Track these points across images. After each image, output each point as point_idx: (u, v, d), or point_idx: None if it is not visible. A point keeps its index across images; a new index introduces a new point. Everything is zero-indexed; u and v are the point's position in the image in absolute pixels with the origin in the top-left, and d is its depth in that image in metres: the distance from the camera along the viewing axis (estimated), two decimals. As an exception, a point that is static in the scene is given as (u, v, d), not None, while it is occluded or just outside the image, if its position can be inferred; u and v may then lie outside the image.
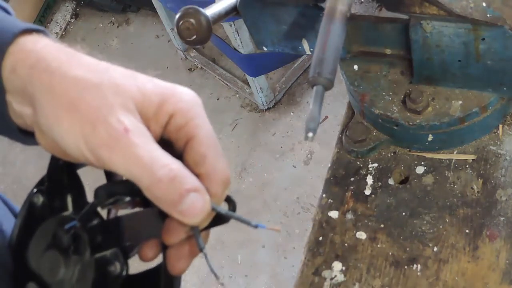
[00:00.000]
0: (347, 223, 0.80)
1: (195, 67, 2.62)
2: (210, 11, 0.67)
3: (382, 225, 0.78)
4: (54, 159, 0.47)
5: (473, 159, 0.80)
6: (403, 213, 0.78)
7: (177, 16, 0.66)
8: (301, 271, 0.78)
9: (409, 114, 0.78)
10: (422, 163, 0.81)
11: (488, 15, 0.66)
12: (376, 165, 0.83)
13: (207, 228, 0.45)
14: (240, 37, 2.07)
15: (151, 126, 0.44)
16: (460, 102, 0.77)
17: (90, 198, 0.46)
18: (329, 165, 0.86)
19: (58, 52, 0.45)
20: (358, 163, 0.84)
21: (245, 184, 2.26)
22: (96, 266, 0.44)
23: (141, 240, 0.46)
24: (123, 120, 0.41)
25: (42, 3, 2.96)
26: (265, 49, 0.84)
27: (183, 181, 0.41)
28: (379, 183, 0.82)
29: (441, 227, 0.76)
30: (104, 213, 0.46)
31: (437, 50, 0.72)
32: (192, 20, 0.65)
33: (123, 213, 0.46)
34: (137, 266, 0.49)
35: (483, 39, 0.68)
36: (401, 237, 0.77)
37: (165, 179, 0.41)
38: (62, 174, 0.47)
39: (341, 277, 0.76)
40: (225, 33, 2.15)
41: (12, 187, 2.54)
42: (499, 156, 0.79)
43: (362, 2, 0.75)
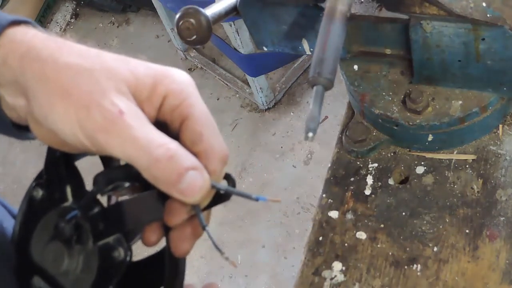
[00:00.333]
0: (347, 223, 0.80)
1: (195, 67, 2.62)
2: (210, 11, 0.67)
3: (382, 225, 0.78)
4: (51, 151, 0.47)
5: (473, 159, 0.80)
6: (403, 213, 0.78)
7: (177, 16, 0.66)
8: (301, 271, 0.78)
9: (409, 114, 0.78)
10: (422, 163, 0.81)
11: (488, 15, 0.66)
12: (376, 165, 0.83)
13: (208, 207, 0.45)
14: (240, 37, 2.08)
15: (145, 108, 0.43)
16: (460, 102, 0.77)
17: (88, 188, 0.46)
18: (329, 165, 0.86)
19: (48, 41, 0.45)
20: (358, 163, 0.84)
21: (245, 184, 2.26)
22: (99, 253, 0.44)
23: (143, 223, 0.45)
24: (117, 102, 0.41)
25: (42, 3, 2.96)
26: (265, 49, 0.84)
27: (181, 159, 0.41)
28: (379, 183, 0.82)
29: (441, 227, 0.76)
30: (104, 200, 0.46)
31: (437, 50, 0.72)
32: (192, 20, 0.65)
33: (123, 199, 0.46)
34: (141, 252, 0.49)
35: (483, 39, 0.68)
36: (401, 237, 0.77)
37: (163, 158, 0.40)
38: (60, 166, 0.47)
39: (341, 277, 0.76)
40: (225, 33, 2.15)
41: (12, 187, 2.54)
42: (499, 156, 0.79)
43: (362, 2, 0.75)
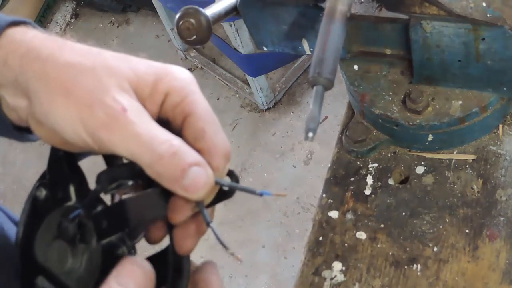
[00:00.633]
0: (347, 223, 0.80)
1: (195, 67, 2.62)
2: (210, 11, 0.67)
3: (382, 225, 0.78)
4: (54, 150, 0.47)
5: (473, 159, 0.80)
6: (403, 213, 0.78)
7: (177, 16, 0.66)
8: (301, 271, 0.78)
9: (409, 114, 0.78)
10: (422, 163, 0.81)
11: (488, 15, 0.66)
12: (376, 165, 0.83)
13: (211, 204, 0.45)
14: (240, 37, 2.07)
15: (147, 106, 0.43)
16: (460, 102, 0.77)
17: (91, 187, 0.46)
18: (329, 165, 0.86)
19: (48, 40, 0.44)
20: (358, 163, 0.84)
21: (245, 184, 2.26)
22: (103, 252, 0.43)
23: (146, 221, 0.45)
24: (119, 99, 0.41)
25: (42, 3, 2.96)
26: (265, 49, 0.84)
27: (184, 155, 0.41)
28: (379, 183, 0.82)
29: (441, 227, 0.76)
30: (107, 199, 0.46)
31: (437, 50, 0.72)
32: (192, 20, 0.65)
33: (126, 197, 0.46)
34: (144, 250, 0.49)
35: (483, 39, 0.68)
36: (401, 237, 0.77)
37: (166, 154, 0.40)
38: (63, 165, 0.47)
39: (341, 277, 0.76)
40: (225, 33, 2.15)
41: (12, 187, 2.54)
42: (499, 156, 0.79)
43: (362, 2, 0.75)
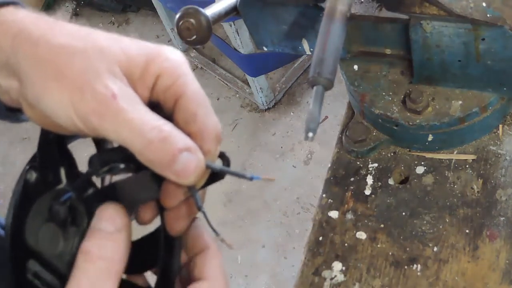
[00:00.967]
0: (347, 223, 0.80)
1: (195, 67, 2.62)
2: (210, 11, 0.67)
3: (382, 225, 0.78)
4: (44, 133, 0.47)
5: (473, 159, 0.80)
6: (403, 213, 0.78)
7: (177, 16, 0.66)
8: (301, 271, 0.78)
9: (409, 114, 0.78)
10: (422, 163, 0.81)
11: (488, 15, 0.66)
12: (376, 165, 0.83)
13: (203, 186, 0.45)
14: (240, 37, 2.07)
15: (138, 88, 0.43)
16: (460, 102, 0.77)
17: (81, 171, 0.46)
18: (329, 165, 0.86)
19: (39, 21, 0.44)
20: (358, 163, 0.84)
21: (245, 184, 2.26)
22: None
23: (138, 203, 0.45)
24: (110, 85, 0.41)
25: (42, 3, 2.96)
26: (265, 49, 0.84)
27: (174, 141, 0.41)
28: (379, 183, 0.82)
29: (441, 227, 0.76)
30: (98, 182, 0.46)
31: (437, 50, 0.72)
32: (192, 20, 0.65)
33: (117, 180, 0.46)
34: (135, 231, 0.49)
35: (483, 39, 0.68)
36: (401, 237, 0.77)
37: (156, 140, 0.40)
38: (53, 148, 0.46)
39: (341, 277, 0.76)
40: (225, 33, 2.15)
41: (12, 187, 2.54)
42: (499, 156, 0.79)
43: (362, 2, 0.75)
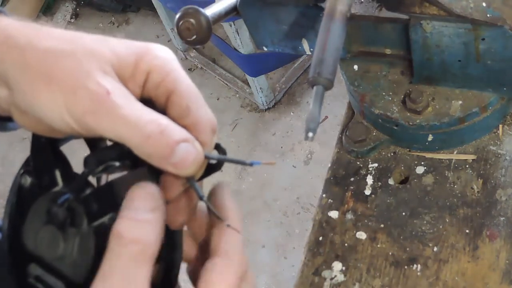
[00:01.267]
0: (347, 223, 0.80)
1: (195, 67, 2.62)
2: (210, 11, 0.67)
3: (382, 225, 0.78)
4: (36, 137, 0.46)
5: (473, 159, 0.80)
6: (403, 213, 0.78)
7: (177, 16, 0.66)
8: (301, 271, 0.78)
9: (409, 114, 0.78)
10: (422, 163, 0.81)
11: (488, 15, 0.66)
12: (376, 165, 0.83)
13: (200, 178, 0.45)
14: (240, 37, 2.07)
15: (129, 87, 0.43)
16: (460, 102, 0.77)
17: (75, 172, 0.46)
18: (329, 165, 0.86)
19: (24, 27, 0.44)
20: (358, 163, 0.84)
21: (245, 184, 2.26)
22: (96, 234, 0.43)
23: None
24: (103, 83, 0.41)
25: (42, 3, 2.96)
26: (265, 49, 0.84)
27: (171, 133, 0.41)
28: (379, 183, 0.82)
29: (441, 227, 0.76)
30: (94, 183, 0.46)
31: (437, 50, 0.72)
32: (192, 20, 0.65)
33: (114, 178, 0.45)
34: None
35: (483, 39, 0.68)
36: (401, 237, 0.77)
37: (153, 134, 0.40)
38: (47, 151, 0.46)
39: (341, 277, 0.76)
40: (225, 33, 2.15)
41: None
42: (499, 156, 0.79)
43: (362, 2, 0.75)
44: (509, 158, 0.79)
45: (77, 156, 0.48)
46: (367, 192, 0.82)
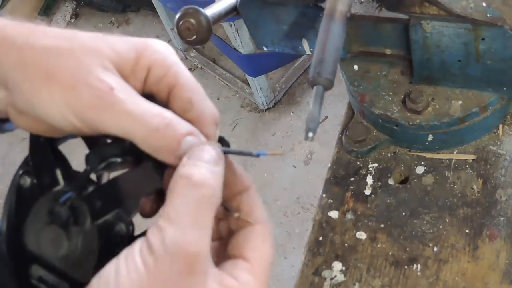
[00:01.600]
0: (347, 223, 0.80)
1: (195, 67, 2.62)
2: (210, 11, 0.67)
3: (382, 225, 0.78)
4: (34, 137, 0.46)
5: (473, 159, 0.80)
6: (403, 213, 0.78)
7: (177, 16, 0.66)
8: (301, 271, 0.78)
9: (409, 114, 0.78)
10: (422, 163, 0.81)
11: (488, 15, 0.66)
12: (376, 165, 0.83)
13: None
14: (240, 37, 2.07)
15: (130, 83, 0.43)
16: (460, 102, 0.77)
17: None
18: (329, 165, 0.86)
19: (20, 27, 0.44)
20: (358, 163, 0.84)
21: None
22: (101, 231, 0.43)
23: (141, 196, 0.45)
24: (105, 79, 0.41)
25: (42, 3, 2.96)
26: (265, 49, 0.84)
27: (177, 126, 0.41)
28: (379, 183, 0.82)
29: (441, 227, 0.76)
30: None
31: (437, 50, 0.72)
32: (192, 20, 0.65)
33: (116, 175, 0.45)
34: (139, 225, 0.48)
35: (483, 39, 0.68)
36: (401, 237, 0.77)
37: (160, 127, 0.40)
38: (46, 150, 0.46)
39: (341, 277, 0.76)
40: (225, 33, 2.15)
41: (12, 187, 2.54)
42: (499, 156, 0.79)
43: (362, 2, 0.75)
44: (509, 158, 0.79)
45: (76, 156, 0.48)
46: (367, 192, 0.82)
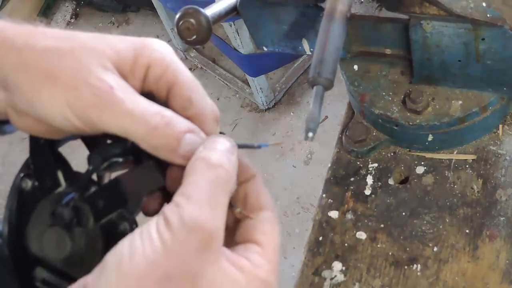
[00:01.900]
0: (347, 223, 0.80)
1: (195, 67, 2.62)
2: (210, 11, 0.67)
3: (382, 225, 0.78)
4: (34, 139, 0.46)
5: (473, 159, 0.80)
6: (403, 213, 0.78)
7: (177, 16, 0.66)
8: (301, 271, 0.78)
9: (409, 114, 0.78)
10: (422, 163, 0.81)
11: (488, 15, 0.66)
12: (376, 165, 0.83)
13: None
14: (240, 37, 2.07)
15: (129, 82, 0.43)
16: (460, 102, 0.77)
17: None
18: (329, 165, 0.86)
19: (19, 29, 0.44)
20: (358, 163, 0.84)
21: (245, 184, 2.26)
22: (104, 231, 0.43)
23: (144, 195, 0.45)
24: (105, 78, 0.41)
25: (42, 3, 2.96)
26: (265, 49, 0.84)
27: (177, 124, 0.41)
28: (379, 183, 0.82)
29: (441, 227, 0.76)
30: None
31: (437, 50, 0.72)
32: (192, 20, 0.65)
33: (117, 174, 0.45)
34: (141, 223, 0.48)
35: (483, 39, 0.68)
36: (401, 237, 0.77)
37: (160, 126, 0.41)
38: (47, 152, 0.46)
39: (341, 277, 0.76)
40: (225, 33, 2.15)
41: (12, 187, 2.54)
42: (499, 156, 0.79)
43: (362, 2, 0.75)
44: (509, 158, 0.79)
45: (75, 156, 0.48)
46: (367, 192, 0.82)
